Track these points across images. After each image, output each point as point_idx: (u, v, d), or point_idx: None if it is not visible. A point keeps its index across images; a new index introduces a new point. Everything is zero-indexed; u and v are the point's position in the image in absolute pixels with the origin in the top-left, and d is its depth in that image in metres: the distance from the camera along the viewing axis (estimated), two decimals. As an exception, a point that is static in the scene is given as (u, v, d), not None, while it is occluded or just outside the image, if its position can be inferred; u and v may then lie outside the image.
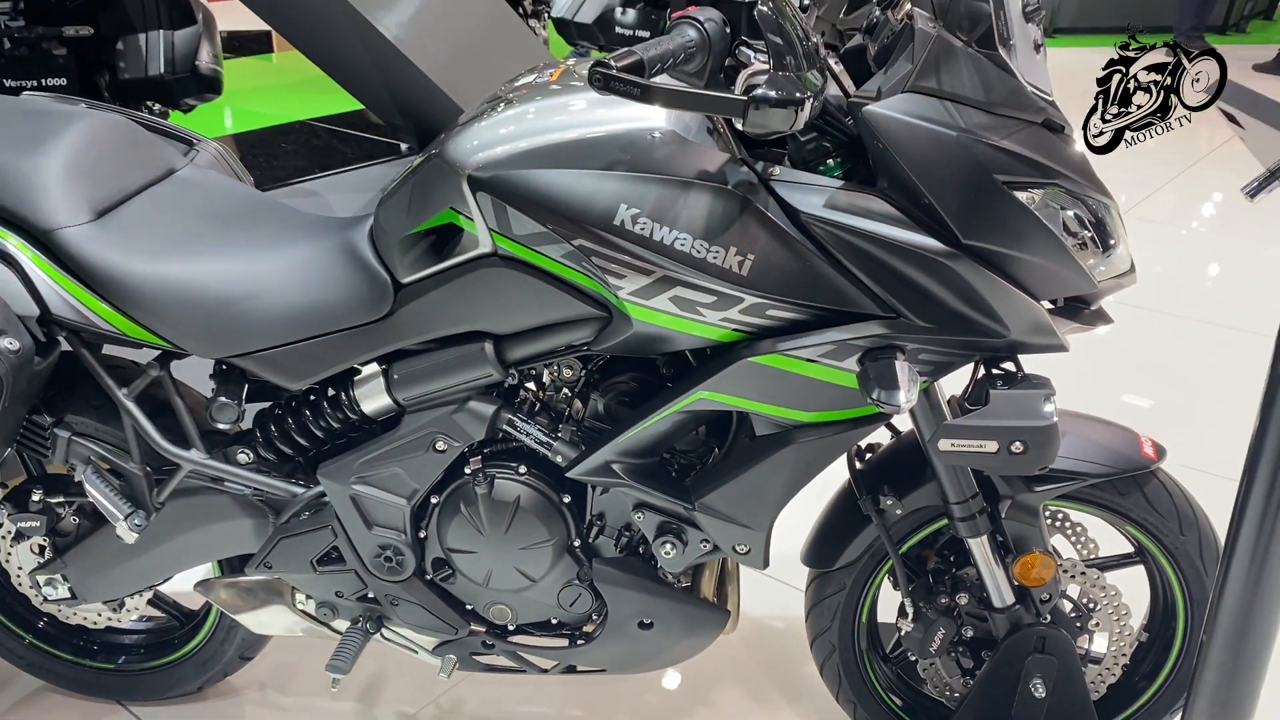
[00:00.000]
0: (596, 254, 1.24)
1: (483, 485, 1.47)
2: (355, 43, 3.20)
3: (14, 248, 1.41)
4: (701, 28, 1.12)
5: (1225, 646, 1.10)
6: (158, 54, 3.35)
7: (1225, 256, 4.06)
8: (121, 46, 3.34)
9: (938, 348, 1.26)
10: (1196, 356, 3.15)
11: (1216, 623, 1.14)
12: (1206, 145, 5.28)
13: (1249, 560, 1.15)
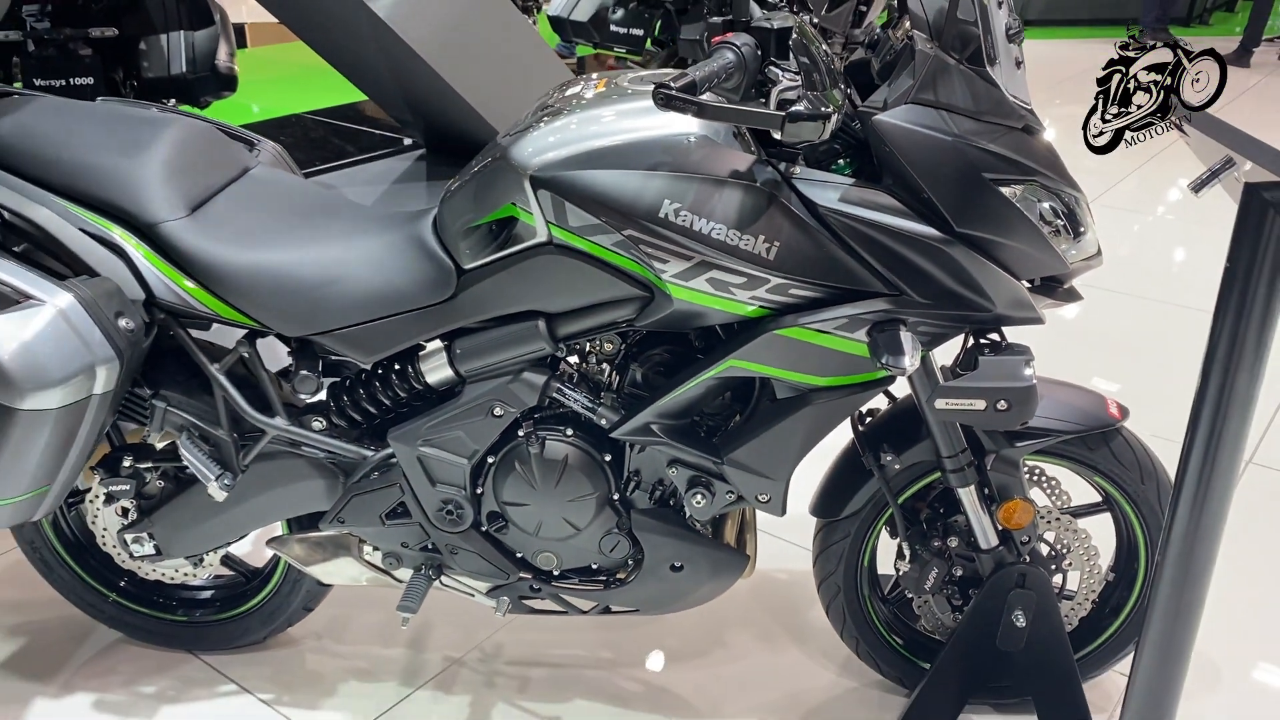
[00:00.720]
0: (644, 242, 1.45)
1: (535, 446, 1.67)
2: (369, 42, 3.37)
3: (122, 239, 1.60)
4: (739, 51, 1.33)
5: (1175, 566, 1.32)
6: (179, 54, 3.52)
7: (1184, 241, 4.31)
8: (144, 47, 3.50)
9: (934, 321, 1.47)
10: (1158, 334, 3.39)
11: (1168, 548, 1.36)
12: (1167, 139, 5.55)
13: (1191, 503, 1.35)
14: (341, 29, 3.43)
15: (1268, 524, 2.47)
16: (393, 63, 3.44)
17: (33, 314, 1.45)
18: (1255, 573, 2.29)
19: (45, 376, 1.44)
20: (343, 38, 3.52)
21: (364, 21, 3.25)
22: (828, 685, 2.02)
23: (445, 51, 3.37)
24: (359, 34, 3.36)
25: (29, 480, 1.53)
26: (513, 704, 1.97)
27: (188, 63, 3.51)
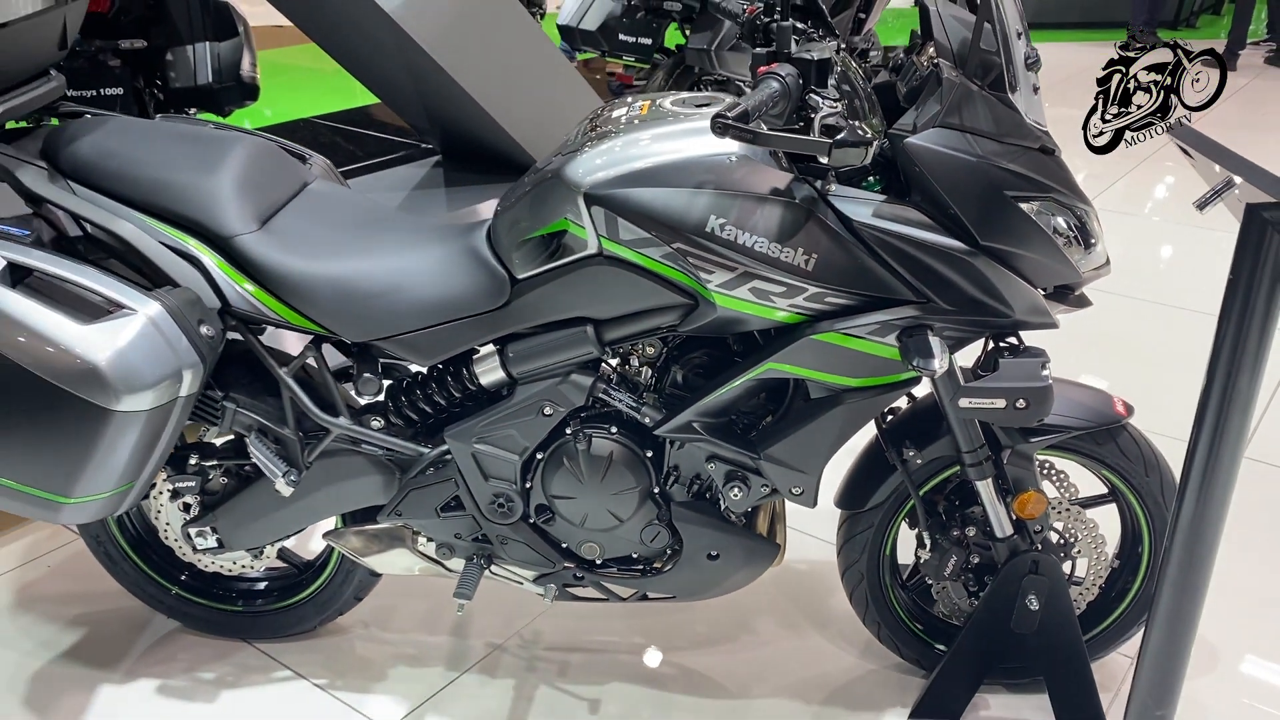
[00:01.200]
0: (691, 254, 1.57)
1: (582, 442, 1.79)
2: (391, 53, 3.48)
3: (198, 251, 1.71)
4: (783, 81, 1.44)
5: (1182, 549, 1.45)
6: (205, 64, 3.61)
7: (1175, 242, 4.45)
8: (171, 58, 3.60)
9: (958, 326, 1.60)
10: (1150, 333, 3.53)
11: (1174, 536, 1.49)
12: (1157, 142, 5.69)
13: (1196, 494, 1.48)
14: (363, 39, 3.54)
15: (1256, 515, 2.60)
16: (414, 73, 3.55)
17: (126, 322, 1.56)
18: (1252, 563, 2.42)
19: (139, 380, 1.56)
20: (364, 47, 3.62)
21: (387, 33, 3.36)
22: (849, 667, 2.14)
23: (464, 62, 3.48)
24: (381, 45, 3.48)
25: (118, 477, 1.64)
26: (554, 687, 2.09)
27: (213, 73, 3.60)
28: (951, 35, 1.58)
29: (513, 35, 3.62)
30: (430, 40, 3.36)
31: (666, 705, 2.05)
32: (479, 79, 3.53)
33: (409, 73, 3.59)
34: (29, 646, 2.17)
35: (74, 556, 2.45)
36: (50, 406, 1.55)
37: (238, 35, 3.73)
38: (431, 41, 3.37)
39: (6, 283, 1.56)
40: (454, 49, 3.43)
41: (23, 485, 1.62)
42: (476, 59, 3.50)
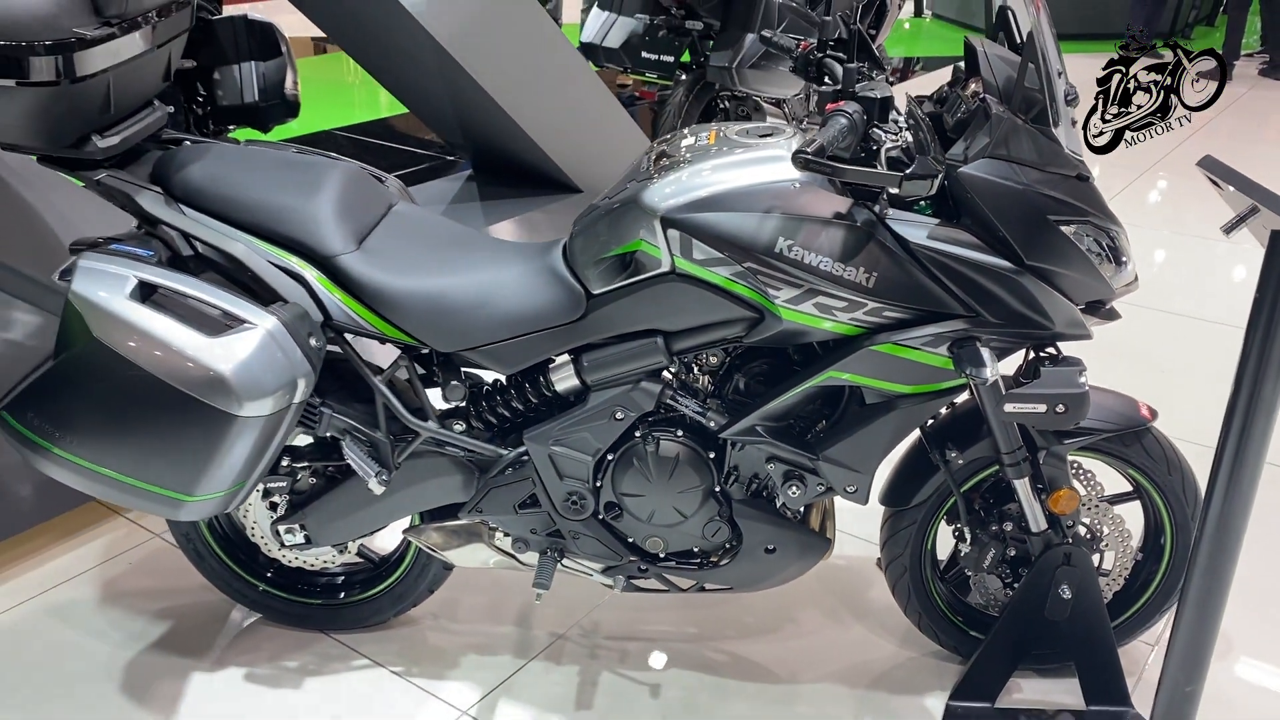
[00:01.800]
0: (761, 273, 1.72)
1: (651, 444, 1.94)
2: (434, 75, 3.63)
3: (302, 269, 1.86)
4: (850, 117, 1.60)
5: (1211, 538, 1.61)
6: (251, 83, 3.75)
7: (1178, 251, 4.62)
8: (219, 77, 3.74)
9: (1004, 338, 1.75)
10: (1158, 341, 3.70)
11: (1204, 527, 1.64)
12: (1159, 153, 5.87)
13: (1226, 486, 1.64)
14: (406, 59, 3.69)
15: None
16: (453, 91, 3.70)
17: (248, 335, 1.71)
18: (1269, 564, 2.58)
19: (260, 388, 1.70)
20: (406, 66, 3.77)
21: (430, 54, 3.51)
22: (890, 655, 2.30)
23: (503, 81, 3.64)
24: (423, 64, 3.62)
25: (234, 477, 1.79)
26: (616, 672, 2.24)
27: (259, 91, 3.73)
28: (997, 73, 1.74)
29: (549, 55, 3.77)
30: (471, 61, 3.52)
31: (722, 690, 2.20)
32: (516, 97, 3.69)
33: (448, 91, 3.74)
34: (119, 638, 2.32)
35: (152, 554, 2.59)
36: (178, 412, 1.70)
37: (281, 55, 3.88)
38: (473, 62, 3.52)
39: (138, 299, 1.71)
40: (494, 69, 3.58)
41: (148, 484, 1.77)
42: (514, 78, 3.65)
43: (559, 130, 3.89)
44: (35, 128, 1.74)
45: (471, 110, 3.82)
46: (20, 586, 2.46)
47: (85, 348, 1.71)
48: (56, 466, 1.79)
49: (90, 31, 1.71)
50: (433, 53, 3.49)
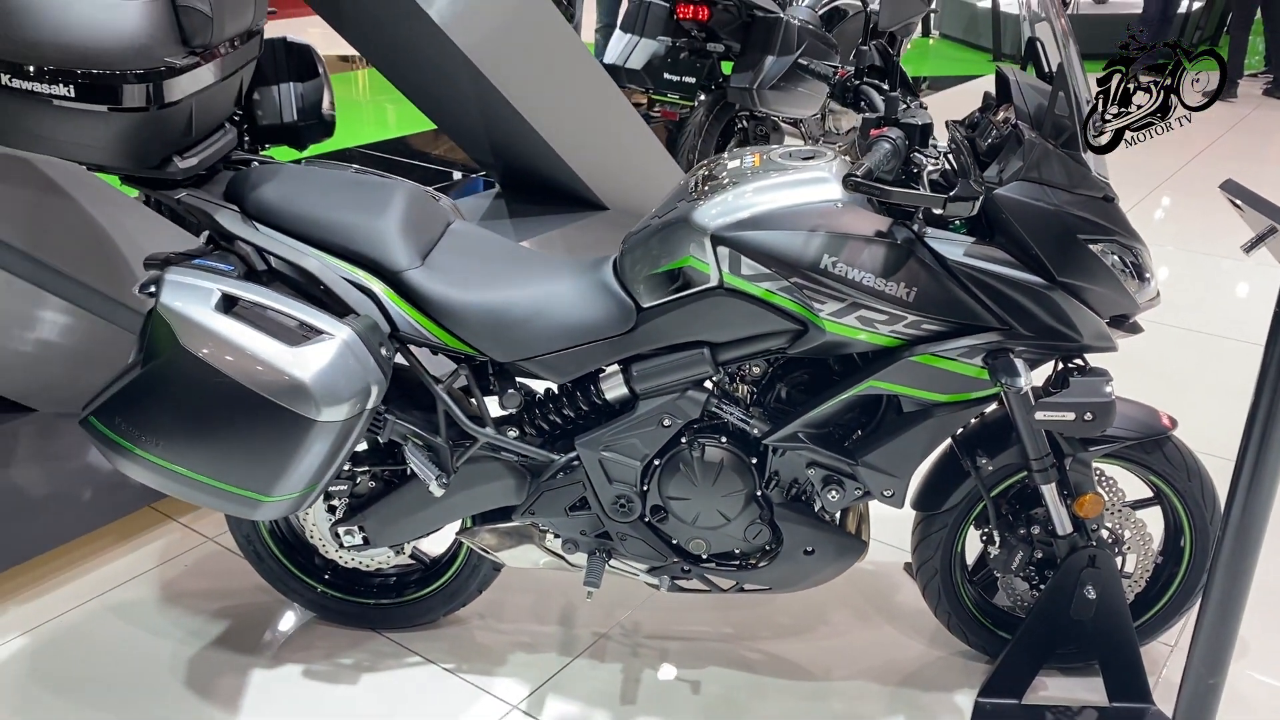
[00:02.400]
0: (807, 288, 1.83)
1: (696, 450, 2.05)
2: (468, 96, 3.75)
3: (370, 283, 1.97)
4: (895, 143, 1.71)
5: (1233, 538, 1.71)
6: (290, 103, 3.87)
7: (1187, 268, 4.73)
8: (258, 97, 3.86)
9: (1035, 350, 1.86)
10: (1172, 356, 3.81)
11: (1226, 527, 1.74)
12: (1167, 172, 5.99)
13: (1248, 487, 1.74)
14: (439, 78, 3.80)
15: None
16: (486, 112, 3.82)
17: (326, 345, 1.82)
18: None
19: (338, 394, 1.81)
20: (438, 86, 3.89)
21: (462, 73, 3.62)
22: (919, 654, 2.39)
23: (535, 102, 3.75)
24: (456, 84, 3.74)
25: (308, 480, 1.89)
26: (658, 670, 2.34)
27: (298, 111, 3.86)
28: (1029, 101, 1.85)
29: (578, 75, 3.88)
30: (503, 80, 3.63)
31: (760, 686, 2.30)
32: (545, 116, 3.80)
33: (480, 109, 3.86)
34: (181, 636, 2.42)
35: (206, 557, 2.69)
36: (260, 417, 1.81)
37: (319, 76, 4.00)
38: (504, 81, 3.64)
39: (222, 310, 1.82)
40: (524, 88, 3.69)
41: (228, 485, 1.87)
42: (544, 97, 3.76)
43: (586, 148, 4.00)
44: (124, 150, 1.86)
45: (502, 128, 3.93)
46: (82, 587, 2.56)
47: (172, 356, 1.82)
48: (139, 468, 1.90)
49: (178, 61, 1.83)
50: (465, 72, 3.60)
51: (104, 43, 1.75)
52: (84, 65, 1.75)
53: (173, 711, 2.21)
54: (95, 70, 1.76)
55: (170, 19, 1.81)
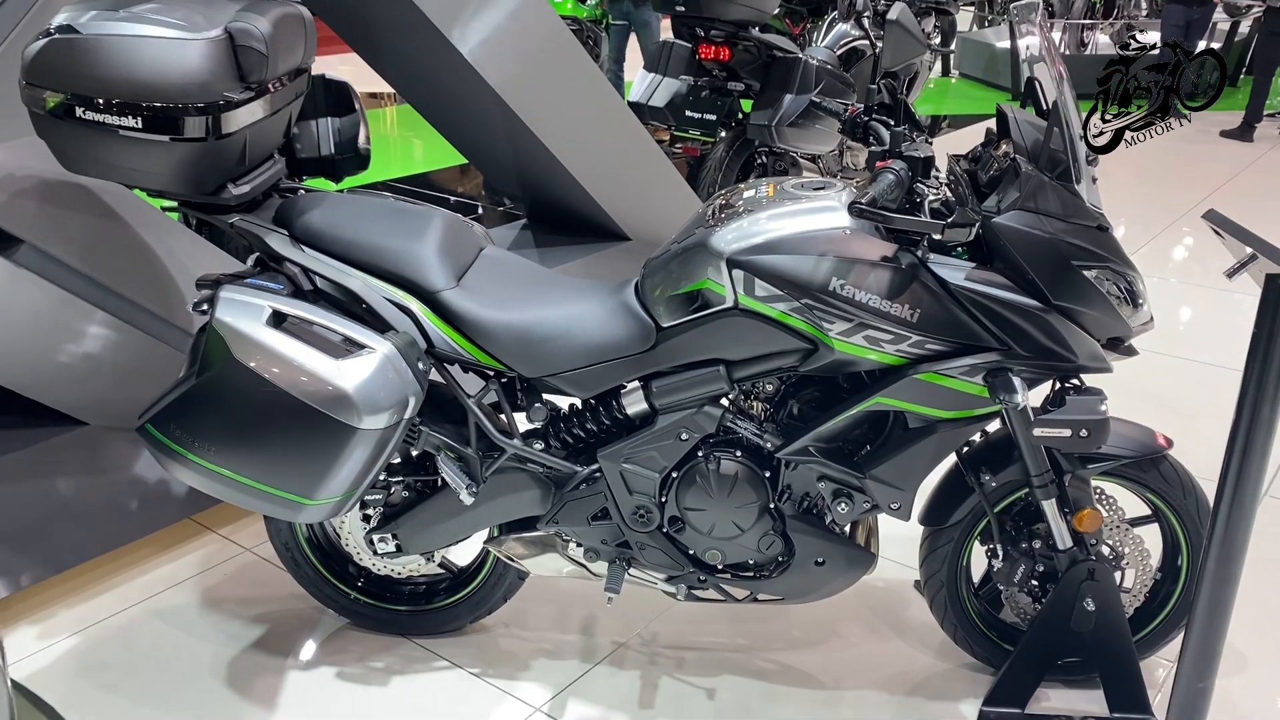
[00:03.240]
0: (817, 309, 1.95)
1: (712, 463, 2.16)
2: (499, 131, 3.91)
3: (408, 302, 2.11)
4: (898, 174, 1.84)
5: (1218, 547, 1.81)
6: (328, 138, 4.04)
7: (1194, 302, 4.82)
8: (297, 131, 4.03)
9: (1033, 369, 1.97)
10: (1179, 386, 3.89)
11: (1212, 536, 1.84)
12: (1184, 208, 6.09)
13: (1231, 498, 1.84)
14: (470, 115, 3.97)
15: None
16: (516, 147, 3.98)
17: (368, 358, 1.95)
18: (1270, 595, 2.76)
19: (379, 404, 1.94)
20: (470, 122, 4.06)
21: (493, 110, 3.79)
22: (927, 666, 2.48)
23: (563, 138, 3.90)
24: (487, 120, 3.90)
25: (349, 485, 2.02)
26: (674, 678, 2.44)
27: (335, 145, 4.03)
28: (1026, 136, 1.97)
29: (603, 112, 4.04)
30: (531, 116, 3.79)
31: (772, 695, 2.40)
32: (572, 151, 3.96)
33: (509, 145, 4.02)
34: (221, 639, 2.54)
35: (244, 566, 2.82)
36: (306, 424, 1.93)
37: (355, 111, 4.18)
38: (532, 117, 3.80)
39: (273, 325, 1.96)
40: (552, 124, 3.85)
41: (275, 488, 2.00)
42: (572, 135, 3.92)
43: (610, 182, 4.15)
44: (182, 177, 2.01)
45: (530, 162, 4.09)
46: (128, 592, 2.70)
47: (225, 367, 1.95)
48: (192, 472, 2.03)
49: (235, 95, 1.98)
50: (496, 109, 3.77)
51: (169, 79, 1.90)
52: (150, 99, 1.91)
53: (213, 708, 2.33)
54: (160, 103, 1.91)
55: (230, 57, 1.96)
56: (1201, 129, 8.82)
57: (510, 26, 3.60)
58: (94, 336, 2.60)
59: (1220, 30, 10.11)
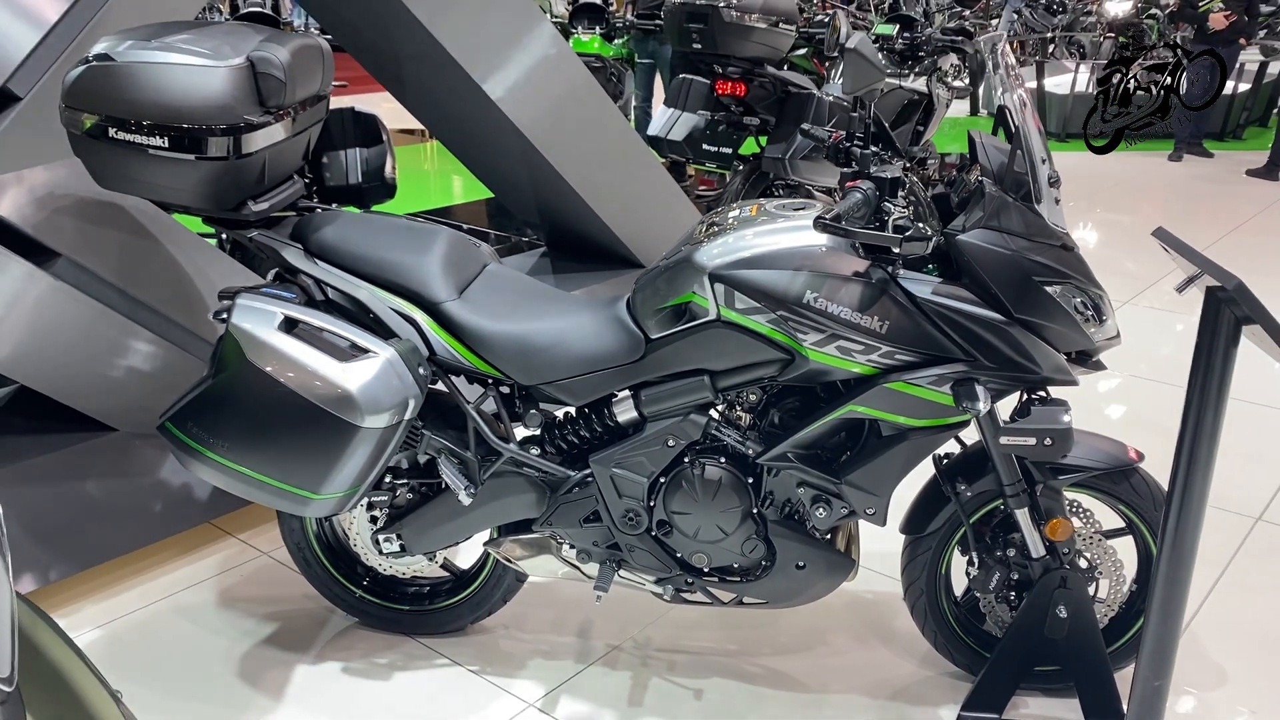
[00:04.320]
0: (791, 320, 2.07)
1: (698, 469, 2.27)
2: (517, 161, 4.07)
3: (413, 313, 2.25)
4: (865, 192, 1.96)
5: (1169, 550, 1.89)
6: (355, 167, 4.23)
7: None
8: (326, 160, 4.22)
9: (999, 380, 2.07)
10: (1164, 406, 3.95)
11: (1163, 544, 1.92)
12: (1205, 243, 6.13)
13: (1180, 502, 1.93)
14: (493, 150, 4.13)
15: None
16: (534, 176, 4.13)
17: (371, 361, 2.09)
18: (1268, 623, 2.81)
19: (380, 404, 2.08)
20: (492, 156, 4.22)
21: (514, 144, 3.94)
22: (910, 673, 2.56)
23: (578, 168, 4.05)
24: (510, 156, 4.06)
25: (352, 481, 2.15)
26: (665, 679, 2.53)
27: (362, 174, 4.21)
28: (992, 160, 2.09)
29: (619, 145, 4.19)
30: (550, 149, 3.95)
31: (758, 697, 2.48)
32: (590, 184, 4.11)
33: (530, 179, 4.18)
34: (235, 635, 2.68)
35: (260, 569, 2.96)
36: (312, 423, 2.07)
37: (382, 142, 4.37)
38: (551, 151, 3.96)
39: (284, 330, 2.11)
40: (570, 157, 4.01)
41: (282, 482, 2.14)
42: (588, 165, 4.07)
43: (625, 212, 4.29)
44: (206, 193, 2.17)
45: (549, 194, 4.25)
46: (151, 589, 2.84)
47: (240, 369, 2.10)
48: (208, 468, 2.18)
49: (256, 118, 2.14)
50: (517, 144, 3.93)
51: (194, 103, 2.07)
52: (177, 121, 2.07)
53: (226, 699, 2.46)
54: (186, 125, 2.08)
55: (251, 83, 2.13)
56: (1228, 168, 8.86)
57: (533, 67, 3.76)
58: (125, 347, 2.76)
59: (1249, 70, 10.14)
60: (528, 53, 3.76)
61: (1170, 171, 8.76)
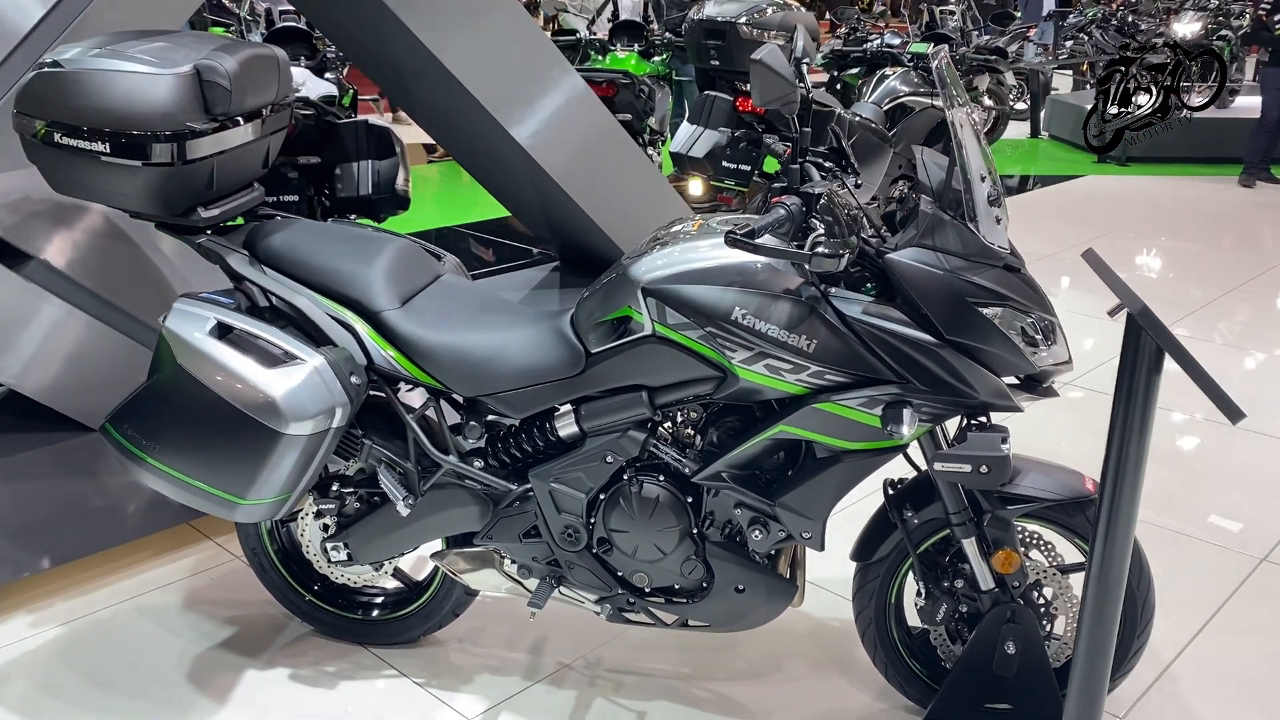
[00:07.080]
0: (719, 337, 2.02)
1: (636, 486, 2.23)
2: (524, 179, 4.08)
3: (353, 321, 2.25)
4: (789, 208, 1.91)
5: (1096, 581, 1.80)
6: (367, 179, 4.29)
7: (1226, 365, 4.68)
8: (339, 172, 4.28)
9: (932, 404, 1.99)
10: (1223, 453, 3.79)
11: (1088, 585, 1.83)
12: (1245, 276, 5.90)
13: (1105, 535, 1.84)
14: (504, 169, 4.16)
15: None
16: (541, 194, 4.14)
17: (298, 368, 2.10)
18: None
19: (304, 411, 2.08)
20: (504, 175, 4.25)
21: (520, 161, 3.95)
22: (864, 705, 2.48)
23: (583, 185, 4.05)
24: (515, 171, 4.08)
25: (280, 487, 2.16)
26: (609, 700, 2.49)
27: (373, 186, 4.27)
28: (932, 176, 2.02)
29: (626, 167, 4.18)
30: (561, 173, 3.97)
31: (701, 722, 2.43)
32: (598, 203, 4.11)
33: (537, 193, 4.19)
34: (193, 636, 2.70)
35: (230, 573, 2.99)
36: (238, 428, 2.09)
37: (395, 155, 4.42)
38: (556, 168, 3.97)
39: (215, 335, 2.13)
40: (575, 175, 4.01)
41: (210, 486, 2.15)
42: (593, 182, 4.07)
43: (633, 229, 4.27)
44: (152, 199, 2.20)
45: (556, 210, 4.26)
46: (122, 588, 2.89)
47: (171, 373, 2.12)
48: (145, 472, 2.20)
49: (199, 125, 2.17)
50: (524, 163, 3.95)
51: (137, 109, 2.10)
52: (121, 127, 2.11)
53: (166, 699, 2.48)
54: (130, 131, 2.11)
55: (195, 91, 2.15)
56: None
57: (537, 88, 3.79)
58: (104, 352, 2.82)
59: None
60: (532, 74, 3.78)
61: (1239, 197, 8.46)
